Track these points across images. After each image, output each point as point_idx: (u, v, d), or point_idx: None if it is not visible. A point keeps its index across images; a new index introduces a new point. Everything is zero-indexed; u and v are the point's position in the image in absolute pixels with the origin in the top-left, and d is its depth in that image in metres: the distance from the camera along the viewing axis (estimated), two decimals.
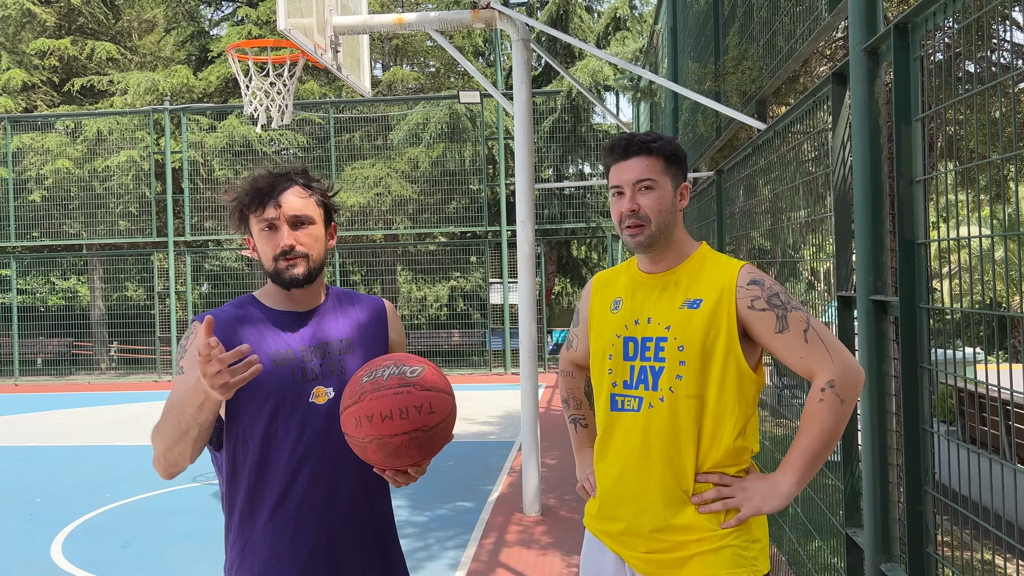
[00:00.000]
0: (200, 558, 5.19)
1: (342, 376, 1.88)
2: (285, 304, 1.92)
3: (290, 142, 16.85)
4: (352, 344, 1.93)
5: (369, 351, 1.95)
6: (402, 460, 1.71)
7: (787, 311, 1.87)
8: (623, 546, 1.97)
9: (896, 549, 2.35)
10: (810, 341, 1.85)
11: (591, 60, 16.30)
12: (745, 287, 1.89)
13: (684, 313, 1.91)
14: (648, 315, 1.96)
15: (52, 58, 18.54)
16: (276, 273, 1.86)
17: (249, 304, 1.93)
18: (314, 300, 1.94)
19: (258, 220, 1.86)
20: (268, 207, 1.84)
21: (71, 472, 7.89)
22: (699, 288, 1.93)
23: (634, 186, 1.93)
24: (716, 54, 5.38)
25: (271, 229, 1.85)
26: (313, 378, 1.86)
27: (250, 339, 1.86)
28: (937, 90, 2.07)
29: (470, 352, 17.23)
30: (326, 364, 1.88)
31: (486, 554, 5.12)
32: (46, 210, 16.79)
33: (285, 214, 1.84)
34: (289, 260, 1.85)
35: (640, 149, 1.93)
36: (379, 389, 1.69)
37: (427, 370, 1.74)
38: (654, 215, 1.92)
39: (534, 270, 6.15)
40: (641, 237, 1.93)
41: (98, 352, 17.62)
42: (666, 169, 1.95)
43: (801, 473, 1.83)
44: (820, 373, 1.84)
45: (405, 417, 1.67)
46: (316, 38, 5.79)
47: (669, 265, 1.98)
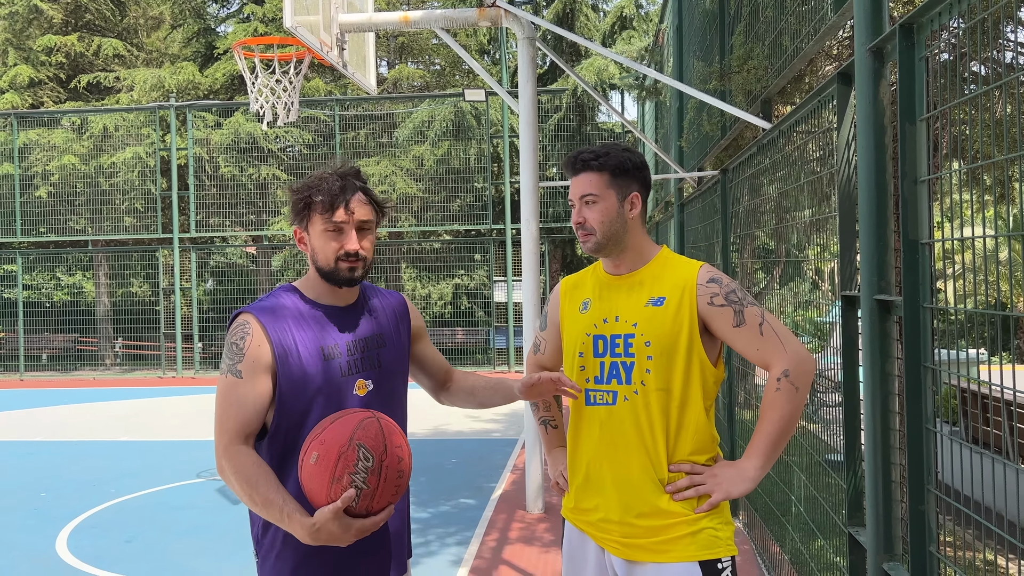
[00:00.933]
0: (204, 553, 5.21)
1: (379, 369, 2.02)
2: (329, 299, 2.01)
3: (296, 139, 16.88)
4: (385, 339, 2.06)
5: (399, 345, 2.10)
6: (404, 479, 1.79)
7: (743, 306, 2.00)
8: (603, 532, 2.06)
9: (899, 548, 2.35)
10: (765, 334, 1.99)
11: (597, 59, 16.29)
12: (705, 285, 2.02)
13: (649, 311, 2.03)
14: (616, 314, 2.07)
15: (59, 54, 18.60)
16: (334, 271, 1.95)
17: (295, 297, 2.00)
18: (353, 296, 2.05)
19: (326, 221, 1.93)
20: (339, 211, 1.93)
21: (76, 467, 7.93)
22: (662, 287, 2.05)
23: (580, 200, 2.08)
24: (722, 53, 5.38)
25: (337, 231, 1.94)
26: (356, 371, 1.98)
27: (302, 334, 1.94)
28: (943, 90, 2.07)
29: (474, 350, 17.25)
30: (366, 358, 2.00)
31: (489, 551, 5.13)
32: (52, 206, 16.86)
33: (355, 219, 1.94)
34: (351, 263, 1.94)
35: (584, 166, 2.08)
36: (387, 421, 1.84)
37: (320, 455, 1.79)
38: (598, 226, 2.06)
39: (538, 268, 6.15)
40: (589, 244, 2.08)
41: (103, 348, 17.68)
42: (611, 182, 2.07)
43: (765, 457, 1.97)
44: (775, 363, 1.97)
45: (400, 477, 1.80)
46: (322, 35, 5.80)
47: (632, 267, 2.11)
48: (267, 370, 1.89)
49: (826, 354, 3.45)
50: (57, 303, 18.40)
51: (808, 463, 3.59)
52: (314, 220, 1.95)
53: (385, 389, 2.03)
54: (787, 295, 4.73)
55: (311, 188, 1.95)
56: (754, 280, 6.00)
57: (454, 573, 4.74)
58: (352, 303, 2.04)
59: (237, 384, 1.88)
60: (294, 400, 1.91)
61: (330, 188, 1.93)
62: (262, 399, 1.89)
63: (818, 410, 3.82)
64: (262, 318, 1.92)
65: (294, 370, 1.90)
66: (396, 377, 2.07)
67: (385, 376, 2.03)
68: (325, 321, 1.97)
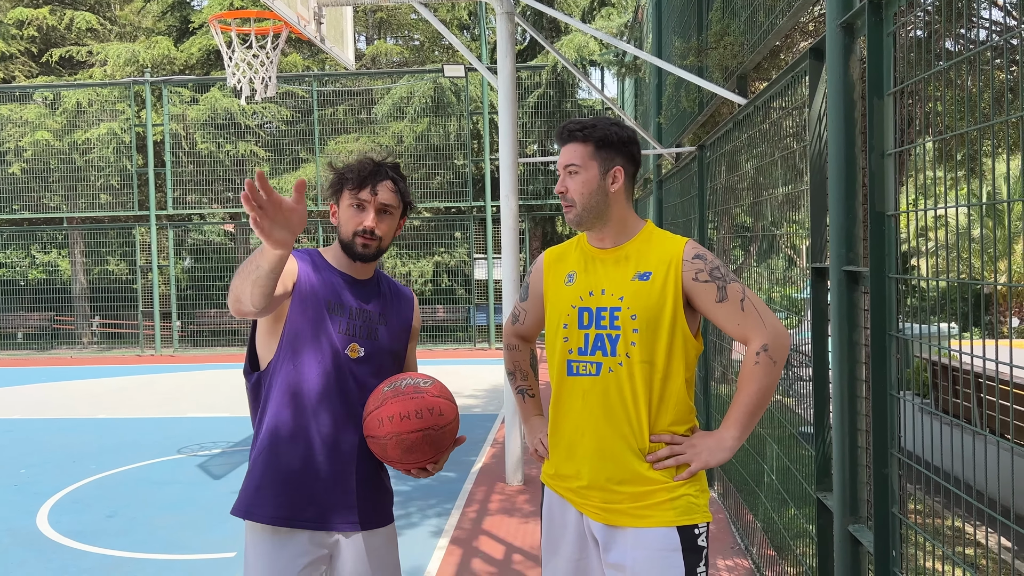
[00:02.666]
0: (186, 527, 5.24)
1: (374, 341, 2.22)
2: (346, 268, 2.24)
3: (273, 115, 16.71)
4: (386, 319, 2.26)
5: (396, 332, 2.29)
6: (416, 456, 2.06)
7: (726, 283, 2.06)
8: (583, 498, 2.11)
9: (864, 511, 2.43)
10: (746, 310, 2.06)
11: (577, 35, 16.23)
12: (690, 261, 2.07)
13: (635, 284, 2.07)
14: (602, 287, 2.11)
15: (30, 28, 18.23)
16: (350, 245, 2.18)
17: (319, 256, 2.23)
18: (367, 274, 2.26)
19: (352, 196, 2.17)
20: (365, 190, 2.15)
21: (55, 444, 7.91)
22: (648, 261, 2.09)
23: (564, 169, 2.12)
24: (699, 29, 5.41)
25: (360, 208, 2.16)
26: (353, 335, 2.18)
27: (318, 280, 2.16)
28: (914, 65, 2.12)
29: (455, 327, 17.28)
30: (364, 327, 2.21)
31: (469, 522, 5.21)
32: (25, 183, 16.62)
33: (377, 200, 2.16)
34: (366, 239, 2.16)
35: (570, 136, 2.12)
36: (399, 395, 2.07)
37: (436, 383, 2.14)
38: (578, 197, 2.10)
39: (518, 245, 6.18)
40: (570, 215, 2.13)
41: (80, 326, 17.53)
42: (595, 154, 2.10)
43: (742, 428, 2.04)
44: (755, 338, 2.05)
45: (420, 417, 2.04)
46: (299, 9, 5.75)
47: (616, 241, 2.14)
48: (289, 276, 2.11)
49: (801, 329, 3.52)
50: (32, 281, 18.18)
51: (781, 435, 3.67)
52: (344, 195, 2.18)
53: (376, 361, 2.21)
54: (764, 271, 4.80)
55: (348, 167, 2.19)
56: (731, 256, 6.07)
57: (435, 543, 4.81)
58: (366, 279, 2.26)
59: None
60: (291, 331, 2.12)
61: (362, 169, 2.16)
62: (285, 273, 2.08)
63: (793, 384, 3.90)
64: (298, 255, 2.20)
65: (303, 303, 2.13)
66: (389, 355, 2.26)
67: (378, 349, 2.22)
68: (339, 284, 2.20)
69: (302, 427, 2.13)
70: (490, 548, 4.73)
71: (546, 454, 2.24)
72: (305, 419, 2.13)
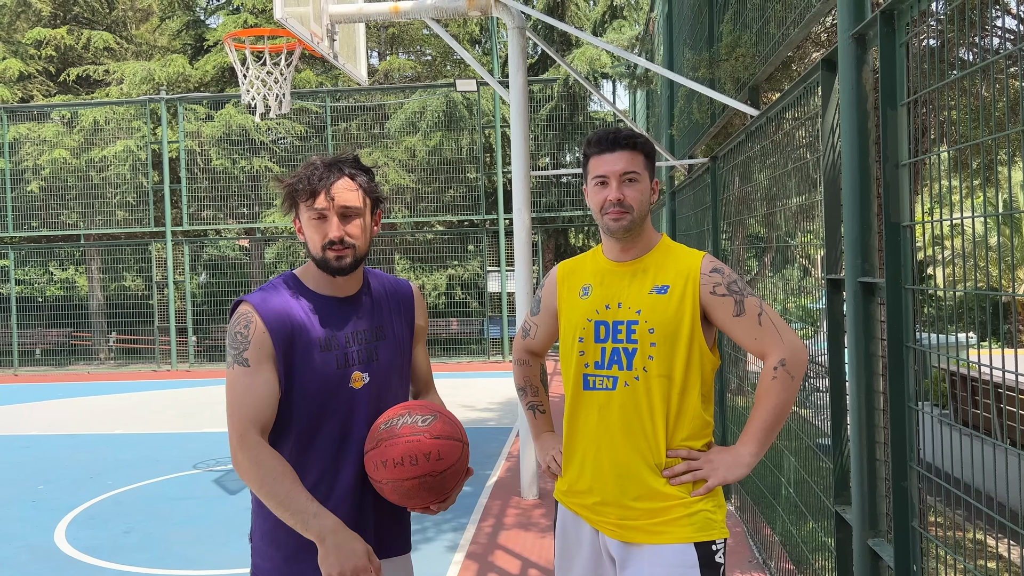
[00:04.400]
0: (201, 542, 5.25)
1: (376, 363, 2.01)
2: (328, 289, 1.99)
3: (287, 131, 16.84)
4: (384, 332, 2.04)
5: (399, 339, 2.08)
6: (415, 501, 1.89)
7: (744, 297, 2.05)
8: (598, 515, 2.09)
9: (883, 525, 2.41)
10: (763, 324, 2.04)
11: (588, 48, 16.28)
12: (708, 274, 2.06)
13: (653, 298, 2.06)
14: (619, 300, 2.09)
15: (48, 48, 18.49)
16: (324, 261, 1.93)
17: (293, 285, 1.98)
18: (354, 287, 2.02)
19: (309, 209, 1.92)
20: (320, 197, 1.90)
21: (73, 460, 7.95)
22: (666, 275, 2.08)
23: (620, 177, 2.06)
24: (711, 41, 5.41)
25: (321, 219, 1.92)
26: (352, 364, 1.96)
27: (300, 325, 1.92)
28: (928, 75, 2.11)
29: (468, 340, 17.28)
30: (363, 351, 1.99)
31: (484, 537, 5.19)
32: (43, 200, 16.79)
33: (336, 205, 1.91)
34: (337, 251, 1.91)
35: (627, 143, 2.08)
36: (393, 437, 1.86)
37: (438, 420, 1.91)
38: (637, 205, 2.07)
39: (531, 258, 6.19)
40: (624, 222, 2.06)
41: (97, 342, 17.65)
42: (646, 164, 2.11)
43: (760, 443, 2.01)
44: (772, 353, 2.03)
45: (415, 463, 1.84)
46: (312, 27, 5.81)
47: (637, 254, 2.13)
48: (271, 359, 1.89)
49: (816, 340, 3.50)
50: (50, 298, 18.36)
51: (799, 447, 3.64)
52: (301, 209, 1.95)
53: (381, 383, 2.01)
54: (778, 282, 4.78)
55: (296, 176, 1.94)
56: (745, 267, 6.05)
57: (450, 559, 4.79)
58: (352, 294, 2.01)
59: (245, 373, 1.86)
60: (288, 390, 1.91)
61: (311, 175, 1.91)
62: (271, 387, 1.88)
63: (809, 396, 3.87)
64: (262, 308, 1.90)
65: (292, 362, 1.90)
66: (393, 371, 2.05)
67: (382, 370, 2.01)
68: (323, 312, 1.95)
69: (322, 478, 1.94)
70: (506, 563, 4.71)
71: (559, 471, 2.21)
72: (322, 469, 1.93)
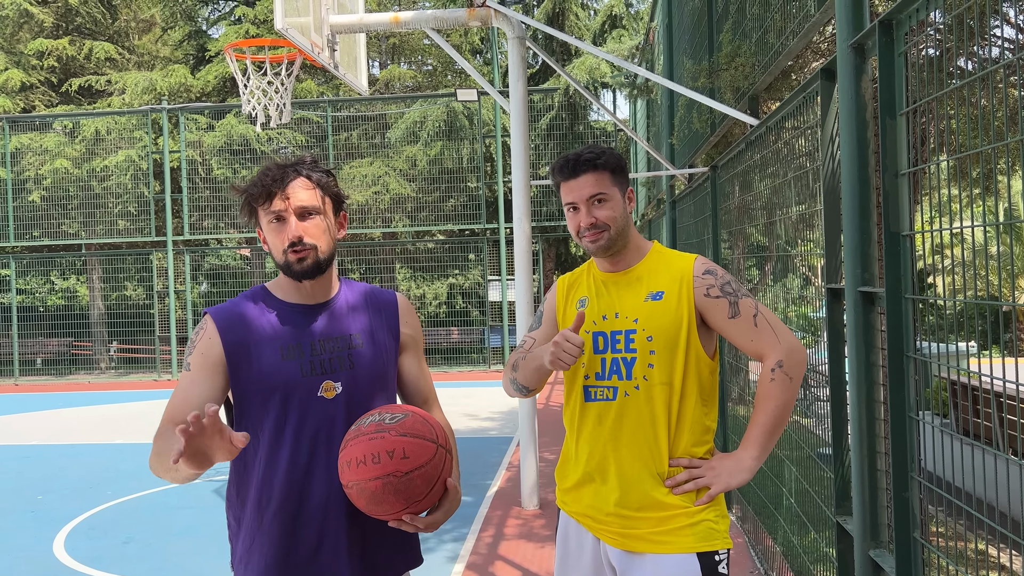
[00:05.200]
0: (201, 553, 5.23)
1: (351, 371, 1.89)
2: (296, 296, 1.93)
3: (288, 141, 16.88)
4: (362, 339, 1.94)
5: (379, 347, 1.96)
6: (384, 507, 1.73)
7: (738, 298, 2.04)
8: (601, 524, 2.08)
9: (884, 536, 2.39)
10: (759, 325, 2.03)
11: (588, 57, 16.33)
12: (701, 276, 2.05)
13: (649, 305, 2.05)
14: (615, 310, 2.09)
15: (50, 58, 18.56)
16: (286, 265, 1.87)
17: (260, 296, 1.93)
18: (326, 293, 1.95)
19: (266, 213, 1.87)
20: (275, 199, 1.85)
21: (73, 470, 7.94)
22: (659, 281, 2.07)
23: (588, 201, 2.06)
24: (710, 50, 5.42)
25: (279, 221, 1.86)
26: (322, 372, 1.87)
27: (260, 332, 1.87)
28: (927, 84, 2.11)
29: (469, 349, 17.27)
30: (335, 359, 1.89)
31: (485, 547, 5.17)
32: (45, 210, 16.83)
33: (292, 206, 1.85)
34: (298, 252, 1.85)
35: (588, 167, 2.07)
36: (359, 436, 1.75)
37: (408, 418, 1.78)
38: (612, 223, 2.07)
39: (531, 267, 6.19)
40: (602, 241, 2.07)
41: (98, 352, 17.65)
42: (614, 180, 2.10)
43: (761, 447, 2.00)
44: (769, 354, 2.02)
45: (377, 462, 1.70)
46: (313, 37, 5.82)
47: (628, 264, 2.13)
48: (217, 367, 1.86)
49: (817, 349, 3.49)
50: (51, 307, 18.37)
51: (800, 457, 3.63)
52: (260, 215, 1.89)
53: (358, 392, 1.90)
54: (779, 291, 4.77)
55: (251, 182, 1.89)
56: (746, 276, 6.04)
57: (451, 569, 4.77)
58: (324, 301, 1.94)
59: (185, 376, 1.87)
60: (249, 400, 1.87)
61: (265, 178, 1.86)
62: (206, 393, 1.84)
63: (810, 405, 3.86)
64: (218, 317, 1.89)
65: (248, 369, 1.86)
66: (372, 381, 1.93)
67: (357, 379, 1.90)
68: (289, 320, 1.90)
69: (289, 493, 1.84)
70: (506, 573, 4.69)
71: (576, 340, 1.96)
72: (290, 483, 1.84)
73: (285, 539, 1.84)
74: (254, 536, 1.86)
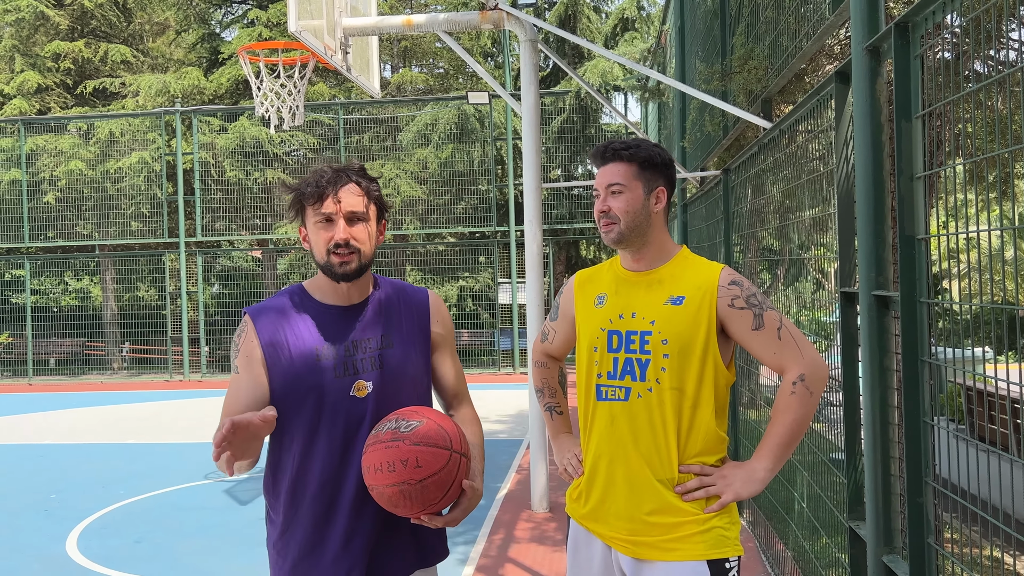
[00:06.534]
0: (212, 553, 5.25)
1: (381, 371, 1.97)
2: (332, 298, 1.99)
3: (300, 143, 16.95)
4: (392, 340, 2.01)
5: (409, 347, 2.03)
6: (403, 509, 1.84)
7: (763, 311, 2.02)
8: (611, 530, 2.06)
9: (898, 541, 2.38)
10: (783, 338, 2.01)
11: (600, 60, 16.32)
12: (726, 287, 2.03)
13: (668, 309, 2.03)
14: (633, 310, 2.07)
15: (66, 60, 18.71)
16: (328, 266, 1.92)
17: (297, 296, 2.00)
18: (362, 294, 2.01)
19: (315, 213, 1.93)
20: (327, 201, 1.91)
21: (85, 469, 7.98)
22: (682, 286, 2.05)
23: (607, 189, 2.08)
24: (723, 53, 5.41)
25: (328, 222, 1.92)
26: (354, 372, 1.94)
27: (296, 332, 1.95)
28: (943, 87, 2.10)
29: (479, 352, 17.28)
30: (366, 359, 1.96)
31: (495, 549, 5.16)
32: (59, 211, 16.95)
33: (343, 209, 1.92)
34: (341, 255, 1.91)
35: (614, 156, 2.09)
36: (376, 442, 1.84)
37: (422, 426, 1.85)
38: (623, 215, 2.05)
39: (542, 270, 6.19)
40: (612, 234, 2.07)
41: (110, 352, 17.76)
42: (639, 174, 2.07)
43: (775, 459, 1.98)
44: (791, 368, 2.00)
45: (392, 470, 1.80)
46: (326, 40, 5.85)
47: (651, 264, 2.10)
48: (260, 365, 1.94)
49: (831, 353, 3.47)
50: (64, 308, 18.50)
51: (812, 462, 3.61)
52: (308, 214, 1.95)
53: (388, 392, 1.97)
54: (791, 294, 4.75)
55: (304, 181, 1.97)
56: (758, 279, 6.02)
57: (460, 571, 4.77)
58: (358, 302, 2.00)
59: (235, 379, 1.96)
60: (284, 399, 1.93)
61: (319, 180, 1.93)
62: (256, 392, 1.93)
63: (822, 410, 3.83)
64: (257, 318, 1.96)
65: (283, 369, 1.93)
66: (402, 380, 1.99)
67: (389, 379, 1.97)
68: (325, 321, 1.96)
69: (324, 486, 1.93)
70: None
71: (577, 472, 2.16)
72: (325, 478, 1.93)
73: (318, 530, 1.93)
74: (288, 524, 1.95)
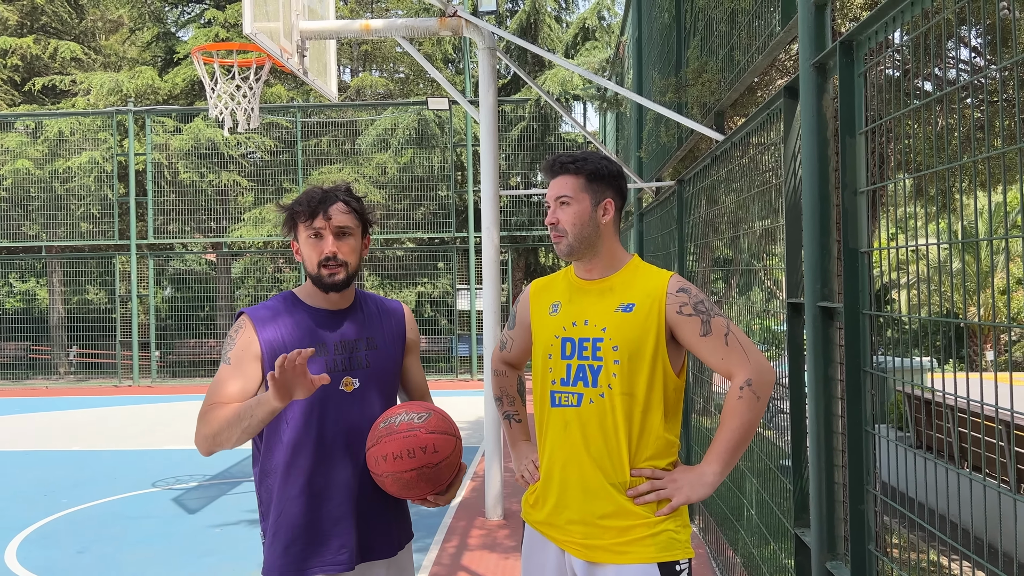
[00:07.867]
0: (157, 563, 5.14)
1: (366, 369, 2.20)
2: (322, 303, 2.21)
3: (257, 145, 16.73)
4: (375, 343, 2.24)
5: (389, 349, 2.27)
6: (415, 492, 2.08)
7: (711, 317, 2.06)
8: (564, 534, 2.09)
9: (841, 548, 2.43)
10: (730, 344, 2.05)
11: (560, 69, 16.42)
12: (675, 294, 2.07)
13: (618, 316, 2.07)
14: (585, 317, 2.11)
15: (13, 57, 18.21)
16: (318, 277, 2.15)
17: (290, 301, 2.22)
18: (346, 301, 2.24)
19: (307, 228, 2.15)
20: (318, 218, 2.13)
21: (27, 477, 7.75)
22: (632, 293, 2.09)
23: (555, 201, 2.13)
24: (678, 66, 5.49)
25: (317, 237, 2.14)
26: (343, 369, 2.17)
27: (292, 332, 2.15)
28: (887, 105, 2.15)
29: (437, 358, 17.21)
30: (354, 358, 2.19)
31: (448, 557, 5.14)
32: (4, 211, 16.48)
33: (332, 225, 2.14)
34: (330, 268, 2.14)
35: (561, 169, 2.14)
36: (392, 433, 2.06)
37: (432, 417, 2.10)
38: (570, 227, 2.11)
39: (499, 276, 6.19)
40: (561, 246, 2.13)
41: (57, 356, 17.29)
42: (586, 187, 2.12)
43: (724, 463, 2.03)
44: (738, 373, 2.05)
45: (412, 456, 2.03)
46: (283, 42, 5.79)
47: (603, 273, 2.15)
48: (255, 360, 2.12)
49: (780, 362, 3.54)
50: (9, 310, 17.96)
51: (761, 469, 3.66)
52: (300, 230, 2.16)
53: (371, 388, 2.19)
54: (743, 304, 4.82)
55: (296, 200, 2.17)
56: (711, 288, 6.10)
57: None
58: (345, 308, 2.23)
59: (225, 368, 2.12)
60: None
61: (311, 198, 2.14)
62: (247, 384, 2.10)
63: (772, 417, 3.90)
64: (255, 316, 2.17)
65: None
66: (384, 377, 2.23)
67: (372, 376, 2.20)
68: (315, 322, 2.18)
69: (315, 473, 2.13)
70: None
71: (534, 478, 2.20)
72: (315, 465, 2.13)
73: (310, 513, 2.12)
74: (282, 509, 2.13)
